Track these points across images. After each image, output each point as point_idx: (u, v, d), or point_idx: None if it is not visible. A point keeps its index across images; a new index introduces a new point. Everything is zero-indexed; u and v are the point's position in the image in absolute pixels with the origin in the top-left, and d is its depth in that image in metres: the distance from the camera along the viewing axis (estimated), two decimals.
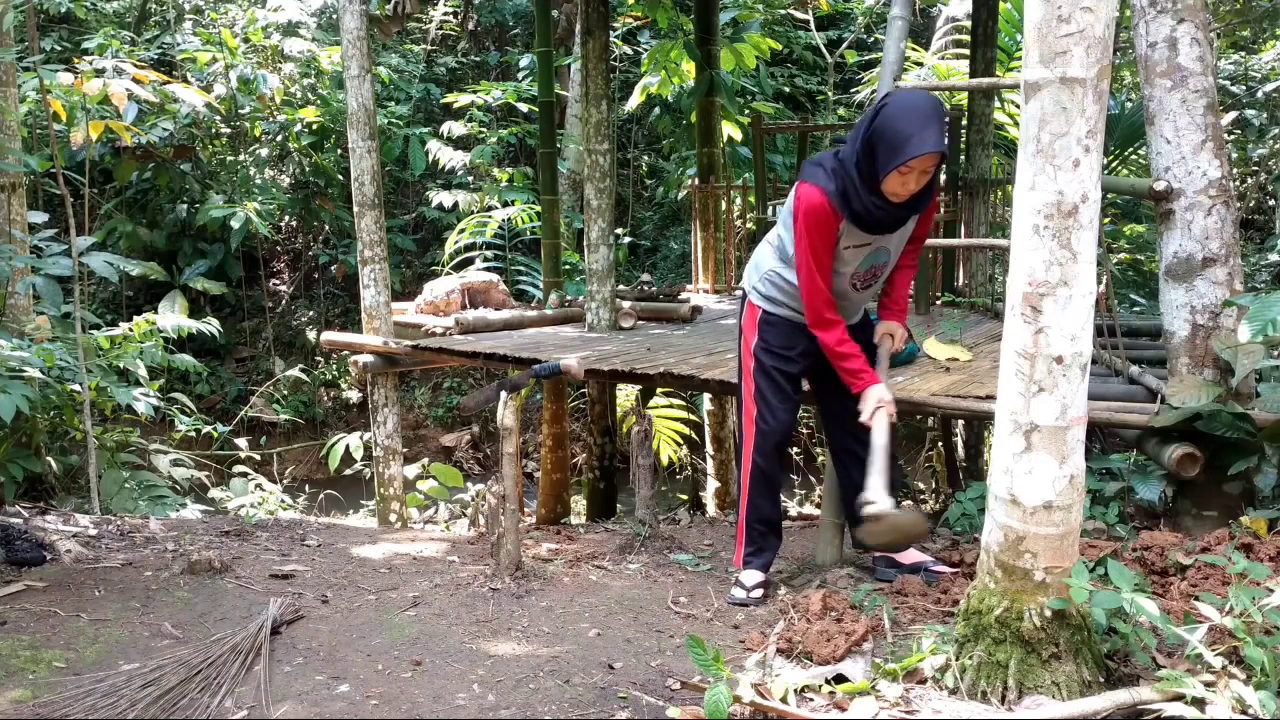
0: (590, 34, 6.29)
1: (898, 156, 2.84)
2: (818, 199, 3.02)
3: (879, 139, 2.88)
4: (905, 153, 2.82)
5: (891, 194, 2.94)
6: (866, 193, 2.96)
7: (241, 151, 11.30)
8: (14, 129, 6.00)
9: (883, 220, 3.04)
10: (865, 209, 2.98)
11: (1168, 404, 3.70)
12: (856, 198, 2.97)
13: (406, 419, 10.42)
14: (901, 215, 3.06)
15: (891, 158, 2.85)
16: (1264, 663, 2.07)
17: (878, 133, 2.89)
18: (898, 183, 2.91)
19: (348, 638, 2.89)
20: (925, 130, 2.82)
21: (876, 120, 2.90)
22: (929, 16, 12.36)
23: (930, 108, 2.88)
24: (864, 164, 2.94)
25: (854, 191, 2.97)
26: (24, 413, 4.40)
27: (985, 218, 6.99)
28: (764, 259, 3.36)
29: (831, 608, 2.87)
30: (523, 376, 3.81)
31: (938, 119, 2.87)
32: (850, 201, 2.98)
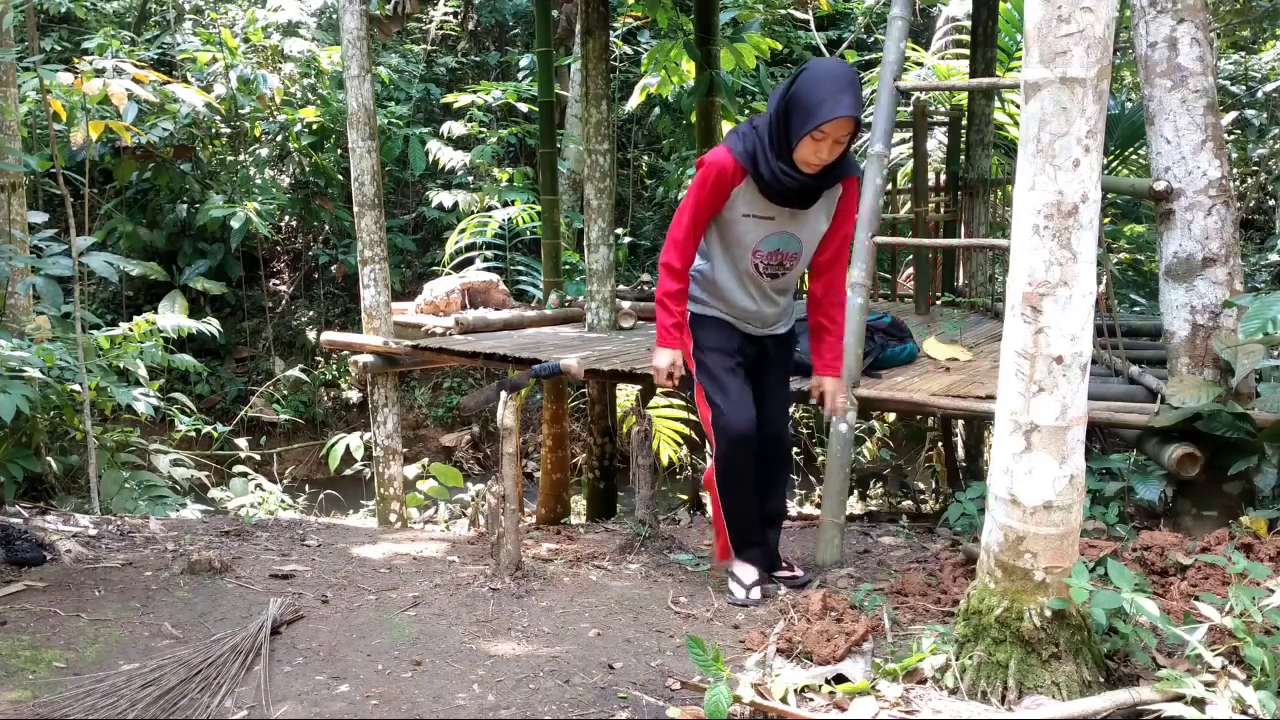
0: (590, 34, 6.29)
1: (811, 120, 2.83)
2: (720, 156, 3.03)
3: (793, 104, 2.88)
4: (818, 117, 2.82)
5: (803, 162, 2.93)
6: (776, 158, 2.95)
7: (241, 151, 11.30)
8: (14, 129, 6.00)
9: (790, 189, 3.01)
10: (772, 173, 2.97)
11: (1168, 404, 3.70)
12: (765, 161, 2.97)
13: (406, 419, 10.42)
14: (811, 186, 3.03)
15: (805, 122, 2.85)
16: (1264, 663, 2.07)
17: (793, 99, 2.88)
18: (810, 150, 2.90)
19: (348, 638, 2.89)
20: (841, 95, 2.81)
21: (793, 86, 2.90)
22: (929, 16, 12.36)
23: (846, 74, 2.88)
24: (777, 129, 2.94)
25: (763, 155, 2.96)
26: (24, 413, 4.40)
27: (985, 218, 6.99)
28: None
29: (831, 608, 2.87)
30: (523, 376, 3.81)
31: (853, 86, 2.87)
32: (758, 164, 2.98)
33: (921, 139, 7.01)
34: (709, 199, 3.07)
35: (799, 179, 2.98)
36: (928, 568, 3.51)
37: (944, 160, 7.99)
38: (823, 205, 3.15)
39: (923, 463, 8.07)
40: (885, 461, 7.84)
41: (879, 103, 4.13)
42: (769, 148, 2.96)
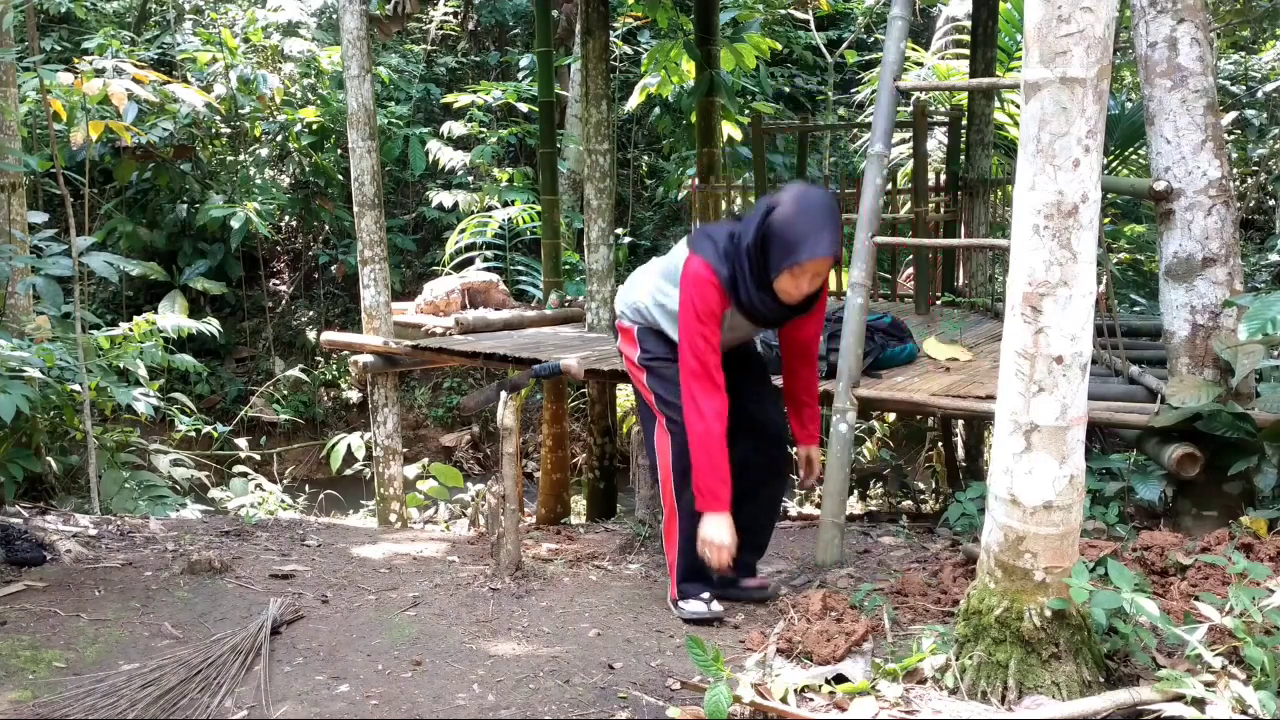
0: (590, 34, 6.29)
1: (790, 257, 2.75)
2: (710, 282, 2.90)
3: (772, 236, 2.79)
4: (798, 254, 2.74)
5: (783, 292, 2.86)
6: (756, 287, 2.87)
7: (241, 151, 11.30)
8: (14, 129, 6.00)
9: (769, 317, 2.98)
10: (751, 302, 2.89)
11: (1168, 404, 3.70)
12: (745, 289, 2.88)
13: (406, 419, 10.42)
14: (790, 314, 3.00)
15: (784, 257, 2.77)
16: (1264, 663, 2.07)
17: (772, 229, 2.79)
18: (789, 283, 2.83)
19: (348, 638, 2.89)
20: (821, 233, 2.74)
21: (771, 215, 2.80)
22: (929, 16, 12.36)
23: (827, 208, 2.80)
24: (756, 257, 2.84)
25: (744, 283, 2.88)
26: (24, 413, 4.40)
27: (985, 218, 6.99)
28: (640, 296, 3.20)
29: (831, 608, 2.87)
30: (523, 376, 3.81)
31: (833, 220, 2.79)
32: (739, 291, 2.89)
33: (921, 139, 7.01)
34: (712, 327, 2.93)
35: (778, 309, 2.93)
36: (928, 568, 3.51)
37: (944, 160, 7.99)
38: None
39: (923, 463, 8.06)
40: (885, 461, 7.84)
41: (879, 103, 4.13)
42: (749, 275, 2.87)
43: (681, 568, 3.14)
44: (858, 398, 4.03)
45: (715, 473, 2.89)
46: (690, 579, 3.13)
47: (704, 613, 3.07)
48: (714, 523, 2.89)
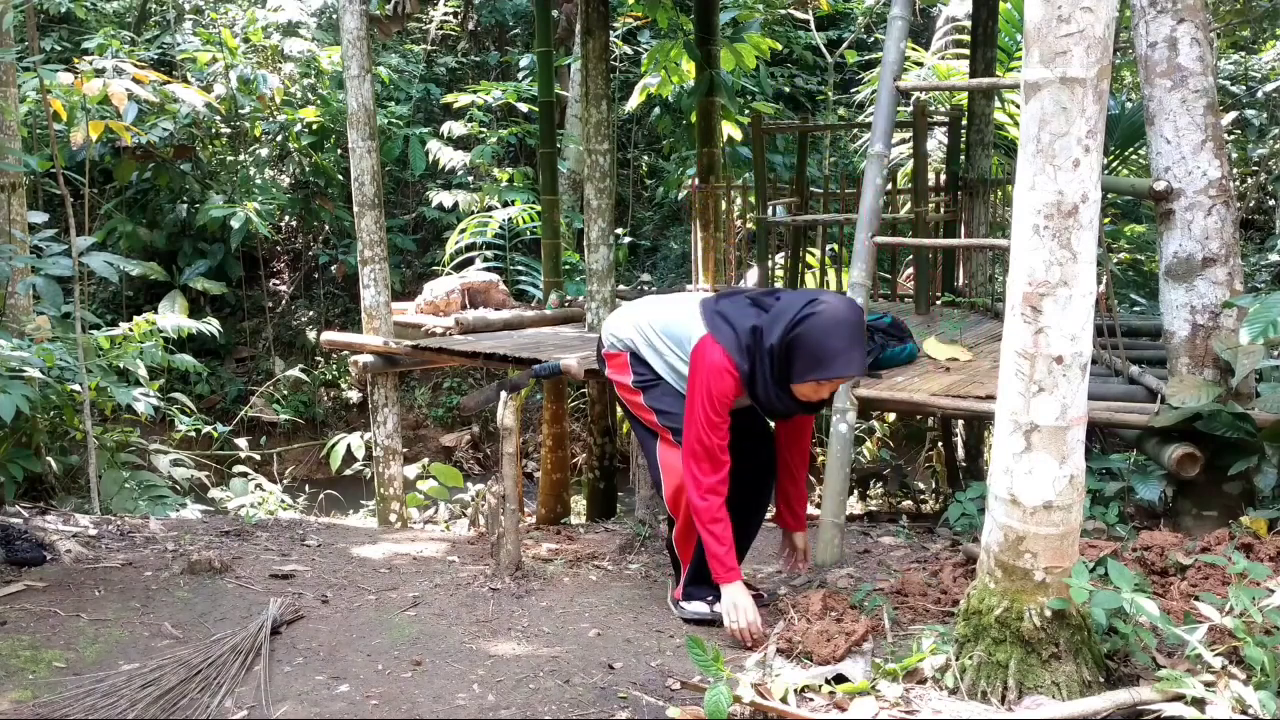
0: (590, 34, 6.29)
1: (821, 371, 2.78)
2: (729, 373, 2.90)
3: (802, 345, 2.80)
4: (830, 370, 2.77)
5: (803, 396, 2.89)
6: (775, 385, 2.88)
7: (241, 151, 11.30)
8: (14, 129, 6.00)
9: (781, 413, 2.99)
10: (768, 399, 2.91)
11: (1168, 404, 3.70)
12: (763, 386, 2.89)
13: (406, 419, 10.42)
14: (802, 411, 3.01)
15: (813, 369, 2.79)
16: (1264, 663, 2.07)
17: (803, 339, 2.80)
18: (812, 390, 2.86)
19: (348, 638, 2.89)
20: (853, 351, 2.78)
21: (803, 325, 2.80)
22: (929, 16, 12.36)
23: (858, 324, 2.85)
24: (779, 362, 2.85)
25: (762, 380, 2.89)
26: (24, 413, 4.40)
27: (985, 218, 6.99)
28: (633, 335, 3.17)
29: (831, 608, 2.87)
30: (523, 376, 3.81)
31: (862, 338, 2.86)
32: (755, 386, 2.91)
33: (921, 139, 7.01)
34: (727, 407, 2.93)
35: (792, 407, 2.95)
36: (928, 568, 3.51)
37: (944, 160, 7.99)
38: None
39: (923, 463, 8.06)
40: (885, 461, 7.84)
41: (879, 103, 4.13)
42: (769, 374, 2.88)
43: (692, 572, 3.17)
44: (858, 398, 4.03)
45: (722, 546, 2.91)
46: (696, 582, 3.16)
47: (705, 613, 3.08)
48: (736, 593, 2.89)
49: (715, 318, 2.98)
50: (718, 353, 2.91)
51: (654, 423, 3.13)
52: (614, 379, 3.24)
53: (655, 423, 3.12)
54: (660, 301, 3.25)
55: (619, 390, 3.25)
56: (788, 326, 2.82)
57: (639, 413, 3.18)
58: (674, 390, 3.09)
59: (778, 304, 2.93)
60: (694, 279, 8.59)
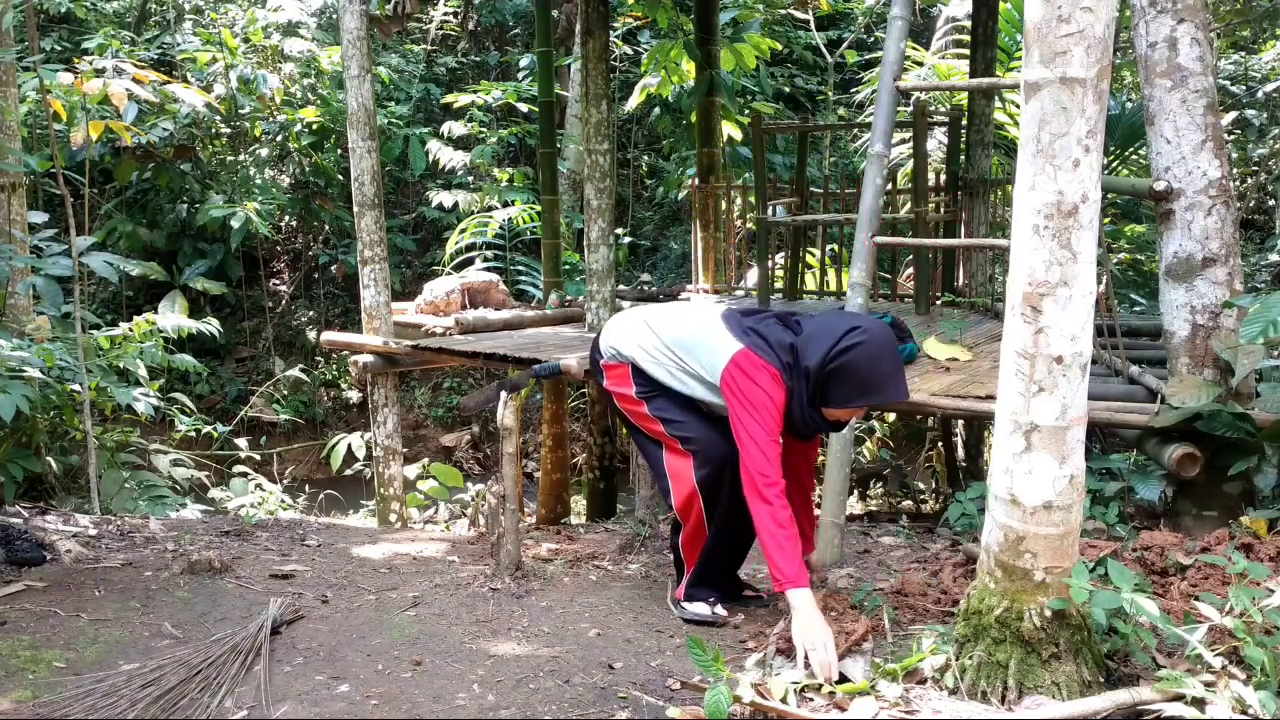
0: (590, 34, 6.29)
1: (870, 398, 2.83)
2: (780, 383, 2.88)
3: (849, 374, 2.79)
4: (880, 397, 2.83)
5: (834, 417, 2.91)
6: (810, 407, 2.89)
7: (241, 151, 11.30)
8: (14, 129, 6.00)
9: (805, 432, 3.00)
10: (803, 418, 2.90)
11: (1168, 404, 3.70)
12: (799, 406, 2.89)
13: (406, 419, 10.42)
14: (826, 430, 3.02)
15: (860, 397, 2.81)
16: (1264, 663, 2.07)
17: (852, 365, 2.79)
18: (847, 414, 2.91)
19: (348, 638, 2.89)
20: (900, 376, 2.84)
21: (852, 353, 2.79)
22: (929, 16, 12.36)
23: (898, 352, 2.92)
24: (816, 384, 2.84)
25: (799, 402, 2.89)
26: (24, 413, 4.40)
27: (985, 218, 6.99)
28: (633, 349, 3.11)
29: (831, 608, 2.87)
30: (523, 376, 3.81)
31: (903, 364, 2.93)
32: (792, 406, 2.90)
33: (921, 139, 7.01)
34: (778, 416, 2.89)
35: (822, 426, 2.96)
36: (928, 568, 3.51)
37: (944, 160, 7.99)
38: None
39: (923, 463, 8.06)
40: (885, 461, 7.84)
41: (879, 103, 4.13)
42: (805, 397, 2.88)
43: (695, 573, 3.16)
44: None
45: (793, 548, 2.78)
46: (699, 584, 3.16)
47: (706, 615, 3.07)
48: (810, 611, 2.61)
49: (749, 333, 2.96)
50: (762, 364, 2.88)
51: (660, 433, 3.08)
52: (614, 390, 3.19)
53: (661, 432, 3.08)
54: (663, 313, 3.18)
55: (619, 401, 3.19)
56: (832, 351, 2.80)
57: (642, 422, 3.14)
58: (680, 397, 3.05)
59: (810, 324, 2.94)
60: (694, 279, 8.59)
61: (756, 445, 2.83)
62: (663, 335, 3.09)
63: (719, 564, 3.19)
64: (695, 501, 3.03)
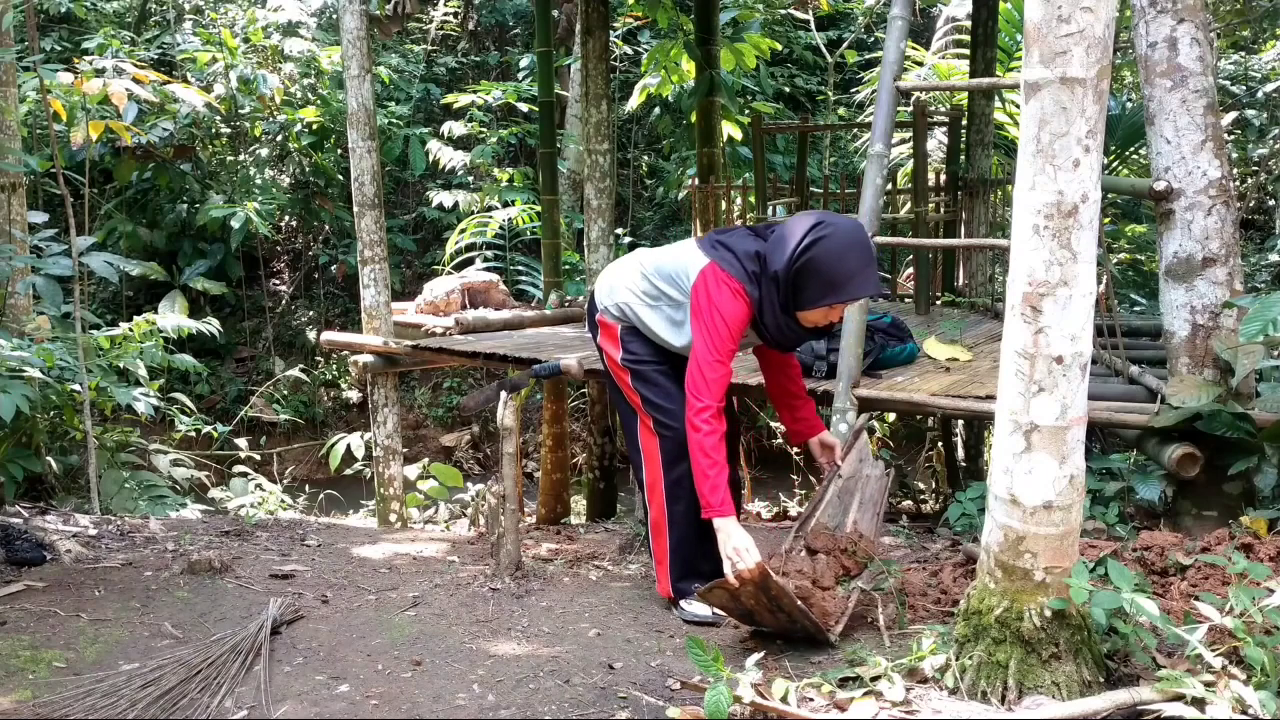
0: (590, 34, 6.29)
1: (837, 294, 2.75)
2: (741, 295, 2.85)
3: (815, 270, 2.74)
4: (847, 293, 2.74)
5: (810, 322, 2.85)
6: (783, 313, 2.84)
7: (241, 151, 11.30)
8: (14, 129, 5.99)
9: (784, 342, 2.95)
10: (777, 328, 2.87)
11: (1168, 404, 3.70)
12: (771, 314, 2.85)
13: (406, 419, 10.42)
14: (806, 338, 2.97)
15: (828, 294, 2.75)
16: (1264, 663, 2.07)
17: (815, 262, 2.74)
18: (823, 315, 2.83)
19: (348, 638, 2.89)
20: (867, 270, 2.75)
21: (815, 250, 2.74)
22: (929, 16, 12.36)
23: (868, 245, 2.81)
24: (786, 287, 2.80)
25: (770, 309, 2.84)
26: (24, 413, 4.40)
27: (985, 218, 6.99)
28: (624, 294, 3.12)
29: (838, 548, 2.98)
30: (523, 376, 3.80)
31: (874, 259, 2.82)
32: (764, 315, 2.86)
33: (921, 139, 7.01)
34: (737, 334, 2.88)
35: (799, 333, 2.91)
36: (928, 568, 3.51)
37: (944, 160, 8.00)
38: None
39: (923, 463, 8.06)
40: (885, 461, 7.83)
41: (879, 103, 4.13)
42: (776, 300, 2.83)
43: (676, 567, 3.14)
44: (858, 398, 4.04)
45: (720, 477, 2.82)
46: (687, 577, 3.13)
47: (707, 615, 3.06)
48: (732, 530, 2.75)
49: (716, 248, 2.94)
50: (725, 276, 2.86)
51: (637, 404, 3.12)
52: (603, 347, 3.19)
53: (639, 405, 3.11)
54: (653, 250, 3.22)
55: (606, 360, 3.20)
56: (797, 250, 2.76)
57: (625, 390, 3.17)
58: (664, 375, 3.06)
59: (778, 229, 2.90)
60: None
61: (699, 364, 2.85)
62: (646, 266, 3.11)
63: (695, 550, 3.10)
64: (659, 484, 3.07)
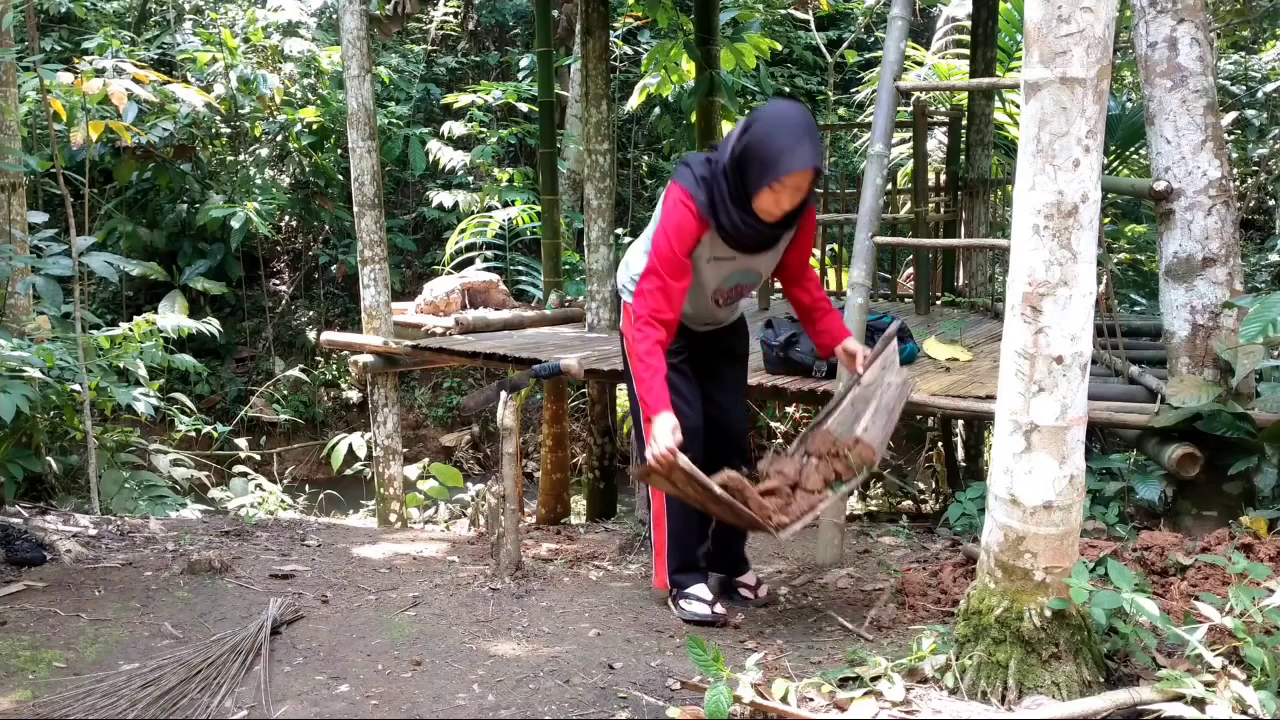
0: (590, 34, 6.29)
1: (769, 173, 2.73)
2: (685, 205, 2.87)
3: (750, 155, 2.75)
4: (778, 169, 2.71)
5: (764, 212, 2.83)
6: (736, 208, 2.83)
7: (241, 151, 11.30)
8: (14, 129, 5.99)
9: (751, 238, 2.92)
10: (734, 224, 2.85)
11: (1168, 404, 3.70)
12: (725, 213, 2.84)
13: (406, 419, 10.41)
14: (773, 233, 2.94)
15: (763, 175, 2.74)
16: (1264, 663, 2.07)
17: (749, 148, 2.76)
18: (770, 200, 2.80)
19: (348, 638, 2.89)
20: (799, 145, 2.71)
21: (749, 134, 2.76)
22: (929, 16, 12.36)
23: (802, 121, 2.77)
24: (734, 179, 2.81)
25: (723, 206, 2.84)
26: (24, 413, 4.40)
27: (985, 218, 6.99)
28: (635, 259, 3.16)
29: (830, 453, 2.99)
30: (523, 376, 3.80)
31: (810, 133, 2.77)
32: (719, 215, 2.85)
33: (921, 139, 7.01)
34: (681, 249, 2.90)
35: (760, 228, 2.89)
36: (928, 568, 3.51)
37: (944, 160, 7.99)
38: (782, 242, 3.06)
39: (923, 463, 8.06)
40: (885, 461, 7.84)
41: (879, 102, 4.13)
42: (729, 197, 2.83)
43: (673, 558, 3.15)
44: None
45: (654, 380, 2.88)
46: (683, 570, 3.14)
47: (706, 615, 3.06)
48: (660, 422, 2.81)
49: (679, 168, 3.00)
50: (676, 190, 2.91)
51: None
52: (624, 333, 3.20)
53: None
54: None
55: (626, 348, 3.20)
56: (734, 140, 2.80)
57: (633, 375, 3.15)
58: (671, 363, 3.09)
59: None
60: None
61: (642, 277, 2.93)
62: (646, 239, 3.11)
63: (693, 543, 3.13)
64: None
